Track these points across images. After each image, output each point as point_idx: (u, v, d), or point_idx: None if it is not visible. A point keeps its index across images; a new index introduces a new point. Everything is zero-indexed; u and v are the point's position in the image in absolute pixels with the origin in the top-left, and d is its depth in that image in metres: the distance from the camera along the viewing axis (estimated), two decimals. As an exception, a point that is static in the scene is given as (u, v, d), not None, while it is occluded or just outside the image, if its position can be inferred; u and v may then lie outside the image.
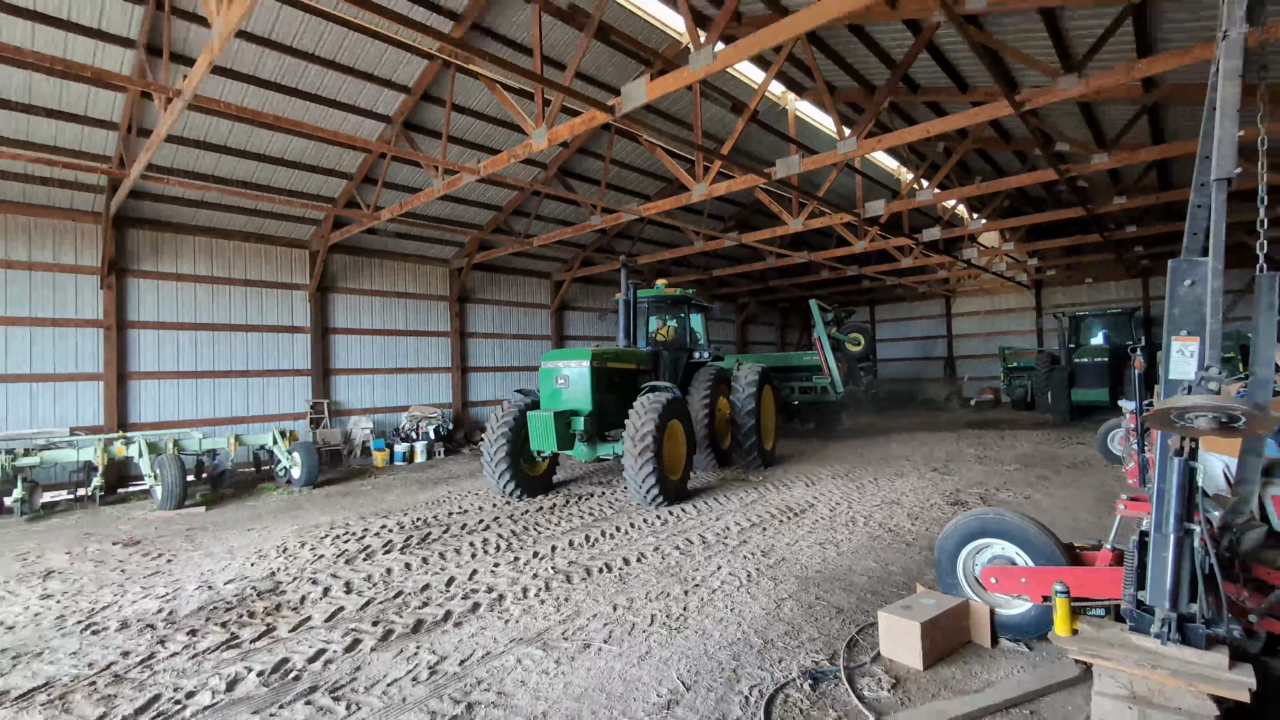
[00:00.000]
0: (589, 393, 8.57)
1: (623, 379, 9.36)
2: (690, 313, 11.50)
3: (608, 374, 8.97)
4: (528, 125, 8.38)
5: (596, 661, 3.86)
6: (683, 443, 8.80)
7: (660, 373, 10.55)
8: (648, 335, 11.25)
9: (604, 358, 8.92)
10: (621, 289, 10.29)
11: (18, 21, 7.66)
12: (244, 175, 11.40)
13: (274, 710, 3.37)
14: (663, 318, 11.57)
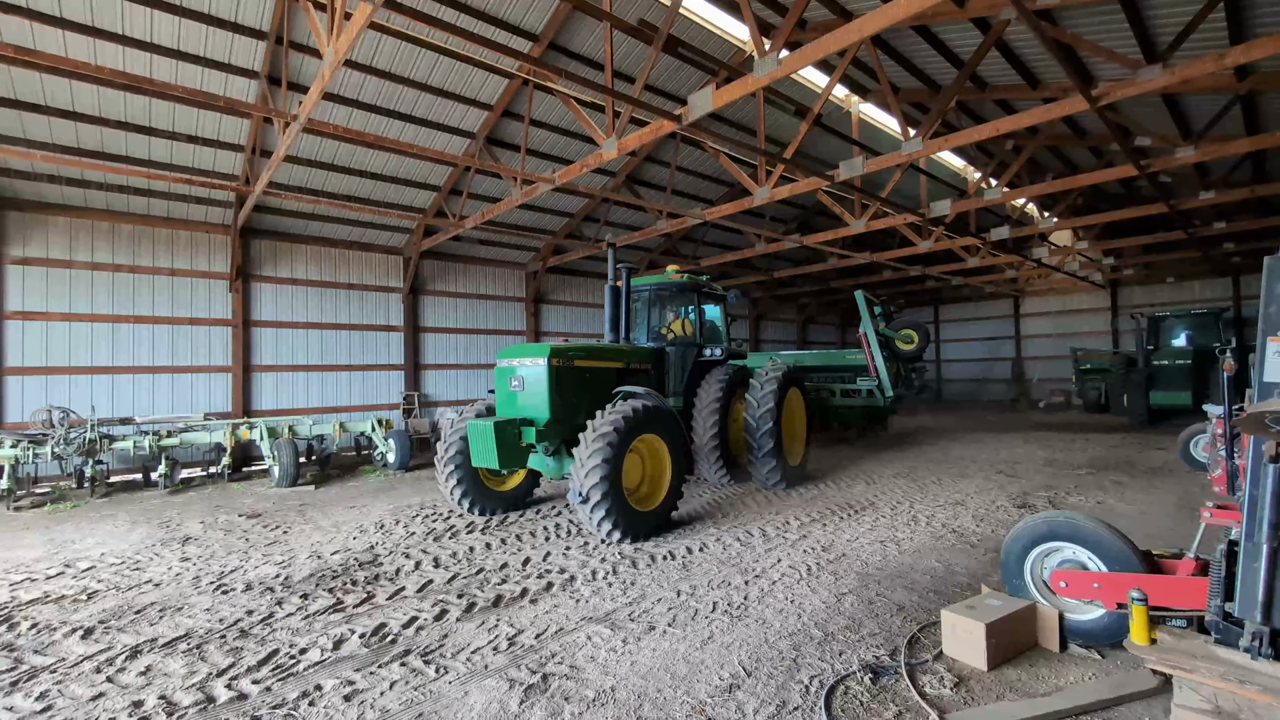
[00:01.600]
0: (547, 397, 6.65)
1: (599, 381, 7.32)
2: (701, 302, 9.40)
3: (575, 374, 7.01)
4: (599, 136, 8.49)
5: (661, 643, 3.88)
6: (665, 463, 6.74)
7: (665, 373, 8.81)
8: (649, 329, 9.53)
9: (569, 354, 7.02)
10: (609, 275, 8.32)
11: (165, 60, 8.41)
12: (348, 190, 12.09)
13: (374, 669, 3.59)
14: (673, 309, 9.80)
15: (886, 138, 13.46)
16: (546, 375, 6.70)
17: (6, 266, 9.94)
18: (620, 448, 5.89)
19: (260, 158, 10.25)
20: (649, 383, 8.22)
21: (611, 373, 7.58)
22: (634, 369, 8.02)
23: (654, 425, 6.47)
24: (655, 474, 6.80)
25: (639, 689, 3.32)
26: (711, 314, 9.79)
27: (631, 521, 6.03)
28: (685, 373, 8.85)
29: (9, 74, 8.08)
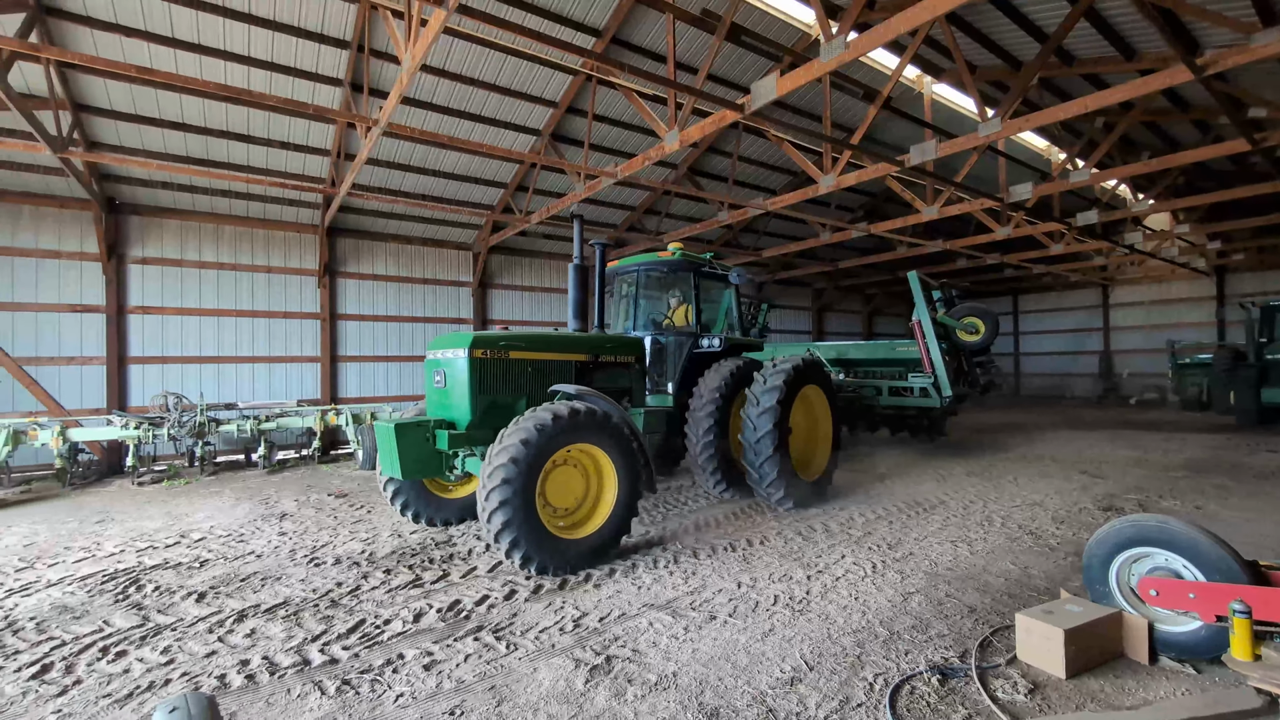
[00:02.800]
0: (468, 395, 5.54)
1: (547, 377, 6.07)
2: (700, 284, 7.70)
3: (508, 368, 5.80)
4: (660, 129, 8.48)
5: (722, 633, 3.90)
6: (609, 482, 5.38)
7: (653, 368, 7.56)
8: (638, 317, 7.97)
9: (499, 344, 5.77)
10: (574, 251, 6.91)
11: (260, 71, 9.03)
12: (423, 189, 12.63)
13: (450, 642, 3.79)
14: (675, 295, 8.18)
15: (961, 119, 12.76)
16: (467, 369, 5.54)
17: (129, 266, 10.99)
18: (533, 463, 4.67)
19: (344, 161, 10.85)
20: (629, 379, 6.97)
21: (567, 366, 6.33)
22: (604, 363, 6.72)
23: (590, 433, 5.09)
24: (601, 492, 5.44)
25: (700, 676, 3.36)
26: (724, 299, 8.40)
27: (554, 552, 4.83)
28: (678, 367, 7.45)
29: (130, 91, 8.89)
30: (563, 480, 5.26)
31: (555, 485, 5.19)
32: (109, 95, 8.89)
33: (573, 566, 4.96)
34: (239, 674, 3.43)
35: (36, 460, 9.78)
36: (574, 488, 5.36)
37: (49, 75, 7.88)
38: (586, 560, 5.07)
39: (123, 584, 4.89)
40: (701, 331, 7.65)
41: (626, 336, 7.22)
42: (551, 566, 4.84)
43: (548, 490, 5.11)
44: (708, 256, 7.77)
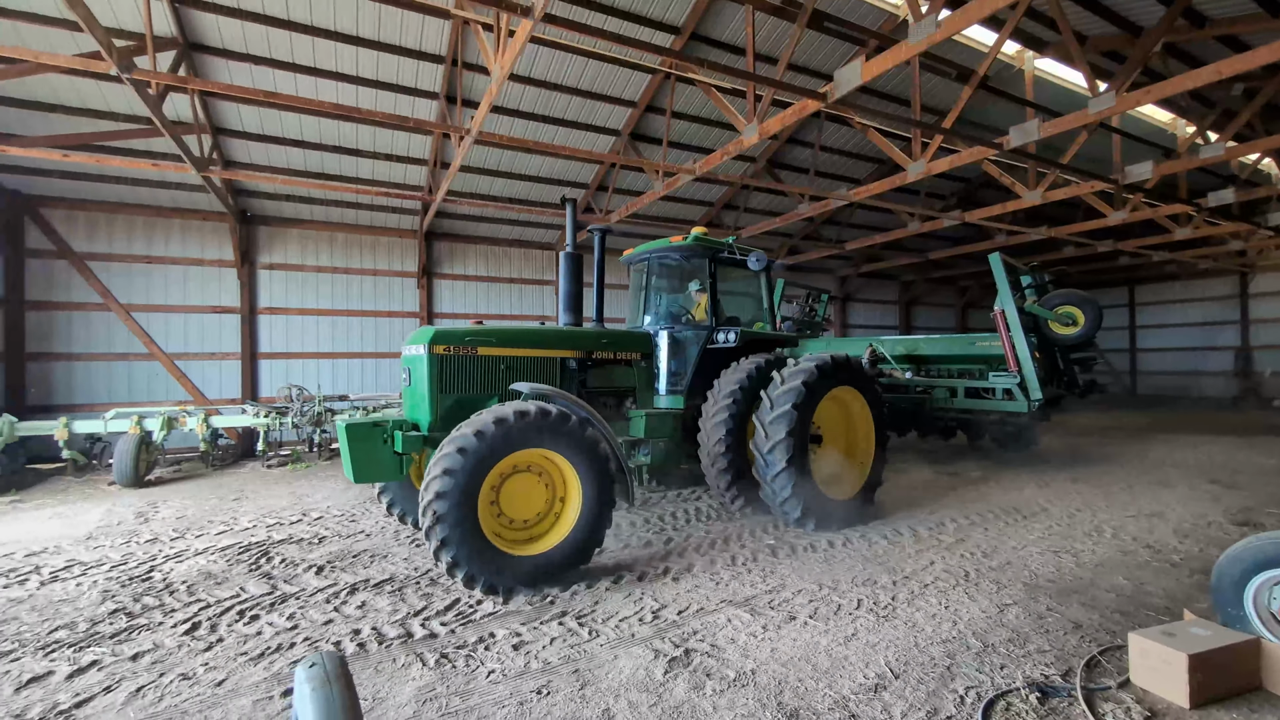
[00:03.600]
0: (428, 396, 5.16)
1: (519, 375, 5.59)
2: (717, 271, 6.72)
3: (476, 366, 5.36)
4: (739, 122, 8.35)
5: (802, 634, 3.82)
6: (573, 493, 4.77)
7: (666, 365, 6.66)
8: (655, 311, 7.15)
9: (466, 339, 5.33)
10: (567, 239, 6.57)
11: (367, 90, 9.70)
12: (510, 193, 13.12)
13: (537, 624, 3.95)
14: (694, 283, 7.13)
15: (1068, 95, 11.66)
16: (427, 367, 5.16)
17: (259, 271, 12.18)
18: (473, 473, 4.22)
19: (440, 169, 11.46)
20: (633, 377, 6.40)
21: (550, 364, 5.84)
22: (601, 360, 6.19)
23: (548, 438, 4.51)
24: (566, 504, 4.84)
25: (779, 676, 3.31)
26: (756, 288, 7.44)
27: (500, 570, 4.34)
28: (689, 365, 6.53)
29: (259, 114, 9.82)
30: (522, 489, 4.67)
31: (513, 494, 4.62)
32: (241, 118, 9.87)
33: (526, 585, 4.43)
34: (352, 642, 3.75)
35: (185, 444, 11.07)
36: (535, 498, 4.74)
37: (194, 104, 8.86)
38: (543, 579, 4.49)
39: (255, 555, 5.45)
40: (718, 325, 6.62)
41: (630, 331, 6.62)
42: (500, 585, 4.34)
43: (503, 500, 4.58)
44: (729, 241, 6.76)
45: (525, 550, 4.55)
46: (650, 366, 6.57)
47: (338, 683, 0.72)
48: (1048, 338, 9.72)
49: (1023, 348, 8.95)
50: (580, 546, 4.68)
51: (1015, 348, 9.01)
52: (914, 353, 10.92)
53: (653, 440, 6.10)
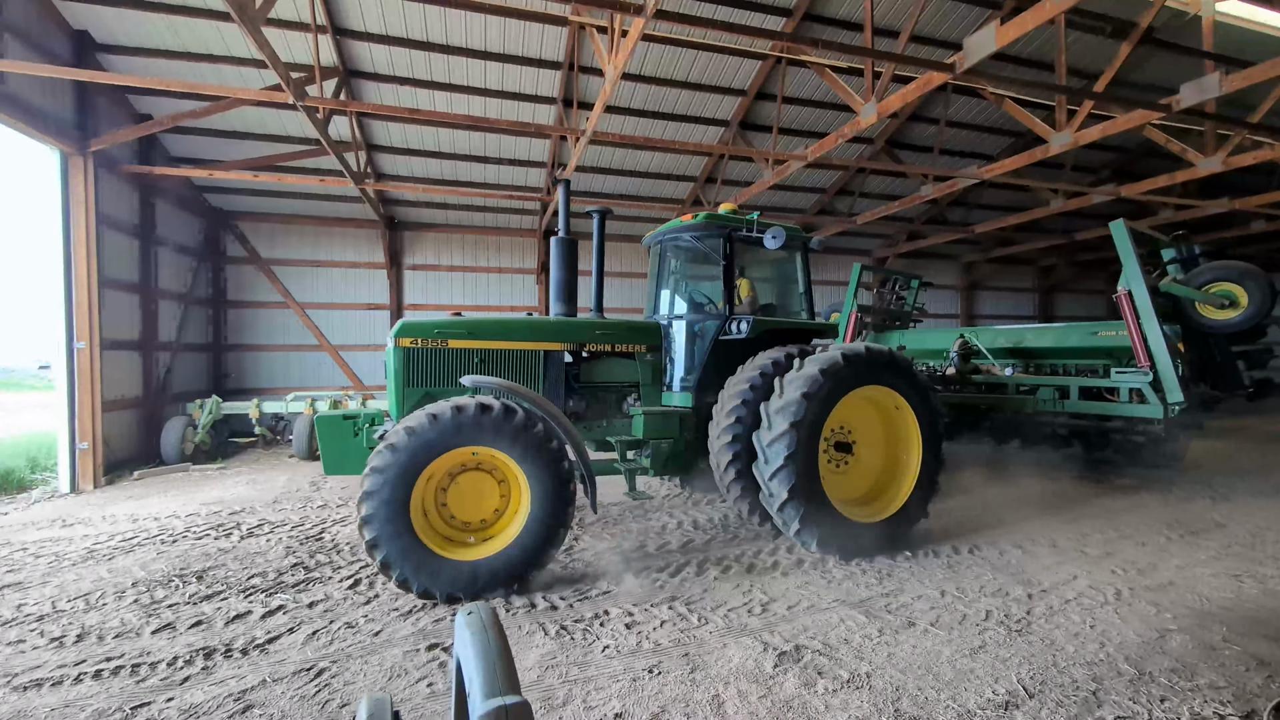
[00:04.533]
0: (396, 389, 4.98)
1: (495, 369, 5.27)
2: (733, 252, 5.69)
3: (443, 359, 5.10)
4: (855, 103, 7.87)
5: (922, 641, 3.60)
6: (521, 500, 4.32)
7: (674, 359, 5.88)
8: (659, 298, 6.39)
9: (430, 332, 5.09)
10: (560, 223, 6.05)
11: (494, 100, 10.30)
12: (621, 189, 13.37)
13: (648, 606, 4.06)
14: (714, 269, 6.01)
15: (1258, 41, 9.75)
16: (394, 360, 4.99)
17: (404, 272, 13.45)
18: (404, 473, 3.93)
19: (557, 170, 11.93)
20: (636, 372, 5.78)
21: (533, 357, 5.38)
22: (598, 354, 5.70)
23: (490, 437, 4.10)
24: (518, 507, 4.38)
25: (896, 682, 3.15)
26: (792, 270, 6.29)
27: (436, 574, 4.00)
28: (699, 359, 5.70)
29: (404, 130, 10.78)
30: (472, 488, 4.33)
31: (462, 494, 4.31)
32: (389, 135, 10.89)
33: (464, 592, 4.03)
34: (483, 608, 4.06)
35: (346, 421, 12.57)
36: (487, 499, 4.38)
37: (352, 125, 9.92)
38: (484, 587, 4.08)
39: (402, 523, 6.06)
40: (733, 313, 5.67)
41: (631, 321, 5.97)
42: (435, 590, 4.00)
43: (452, 499, 4.29)
44: (752, 217, 5.67)
45: (463, 555, 4.12)
46: (658, 360, 5.84)
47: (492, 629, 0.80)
48: (1197, 324, 7.63)
49: (1156, 337, 7.01)
50: (526, 555, 4.16)
51: (1146, 337, 7.12)
52: (1020, 345, 9.06)
53: (654, 441, 5.37)
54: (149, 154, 9.98)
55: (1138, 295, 7.15)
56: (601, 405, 5.78)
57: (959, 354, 9.25)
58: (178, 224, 10.97)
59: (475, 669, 0.71)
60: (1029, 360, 9.11)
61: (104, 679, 3.16)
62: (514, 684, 0.70)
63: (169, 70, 8.75)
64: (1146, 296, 7.09)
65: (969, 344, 9.34)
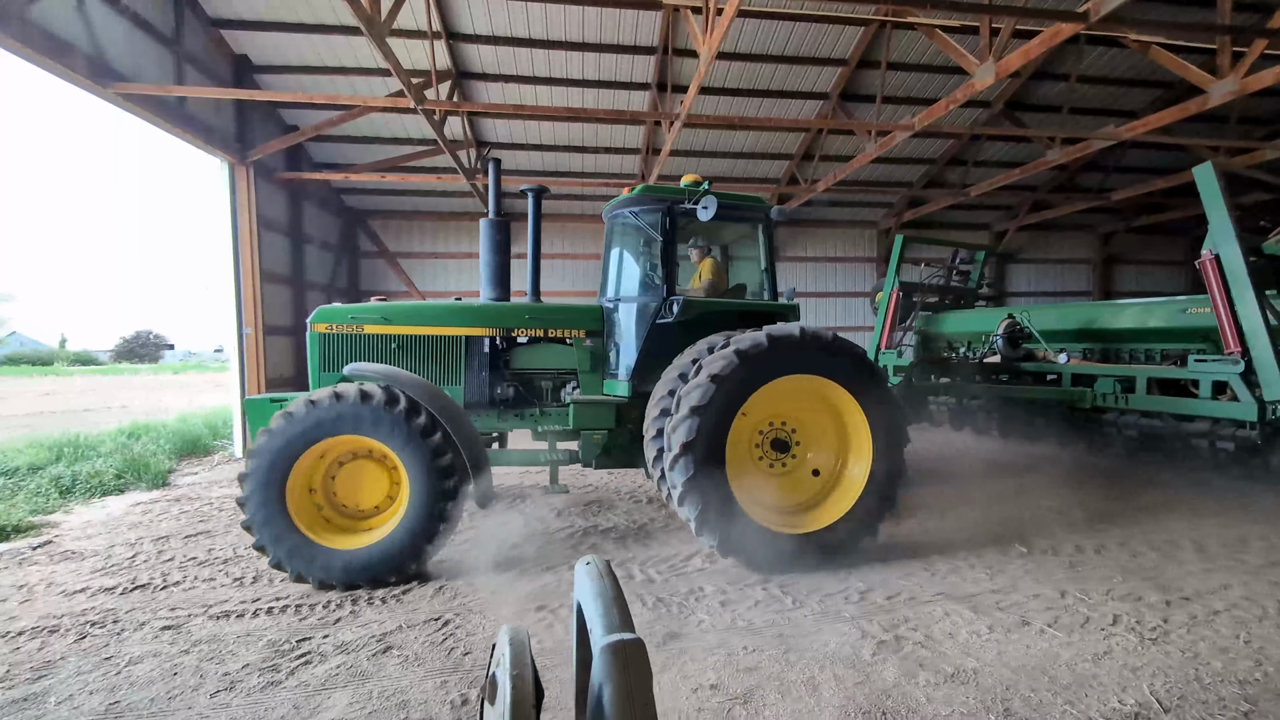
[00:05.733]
0: (314, 375, 4.91)
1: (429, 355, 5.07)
2: (671, 225, 5.00)
3: (358, 345, 4.94)
4: (970, 64, 7.19)
5: (1038, 642, 3.34)
6: (402, 491, 4.13)
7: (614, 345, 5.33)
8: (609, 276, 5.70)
9: (345, 317, 4.94)
10: (489, 205, 5.65)
11: (590, 90, 10.46)
12: (714, 171, 13.15)
13: (741, 586, 4.07)
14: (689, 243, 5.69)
15: None
16: (310, 346, 4.91)
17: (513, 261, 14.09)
18: (275, 460, 3.86)
19: (651, 155, 11.94)
20: (574, 359, 5.30)
21: (455, 343, 5.09)
22: (532, 339, 5.27)
23: (365, 426, 3.95)
24: (398, 499, 4.23)
25: (1007, 681, 2.96)
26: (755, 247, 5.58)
27: (309, 560, 3.92)
28: (635, 344, 5.06)
29: (509, 125, 11.25)
30: (360, 476, 4.21)
31: (350, 481, 4.20)
32: (495, 130, 11.41)
33: (340, 581, 3.96)
34: (585, 576, 4.28)
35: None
36: (376, 488, 4.24)
37: (463, 124, 10.50)
38: (359, 577, 3.97)
39: (513, 499, 6.48)
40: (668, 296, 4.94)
41: (571, 305, 5.62)
42: (310, 576, 3.94)
43: (340, 486, 4.20)
44: (702, 187, 4.89)
45: (339, 543, 4.03)
46: (599, 346, 5.33)
47: (608, 577, 0.88)
48: None
49: (1252, 313, 5.39)
50: (405, 547, 4.00)
51: (1237, 314, 5.52)
52: (1091, 326, 7.51)
53: (585, 433, 5.00)
54: (296, 161, 11.17)
55: (1228, 259, 5.52)
56: (537, 393, 5.34)
57: (1005, 337, 7.91)
58: (321, 223, 12.23)
59: (594, 610, 0.78)
60: (1106, 345, 7.56)
61: (274, 614, 3.69)
62: (629, 623, 0.77)
63: (311, 85, 9.70)
64: (1240, 260, 5.43)
65: (1018, 324, 7.98)
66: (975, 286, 9.77)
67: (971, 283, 9.74)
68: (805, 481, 4.65)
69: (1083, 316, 7.67)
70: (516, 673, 0.77)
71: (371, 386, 4.02)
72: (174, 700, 2.78)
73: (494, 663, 0.88)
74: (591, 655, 0.77)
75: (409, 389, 4.09)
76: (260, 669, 3.04)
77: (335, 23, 8.60)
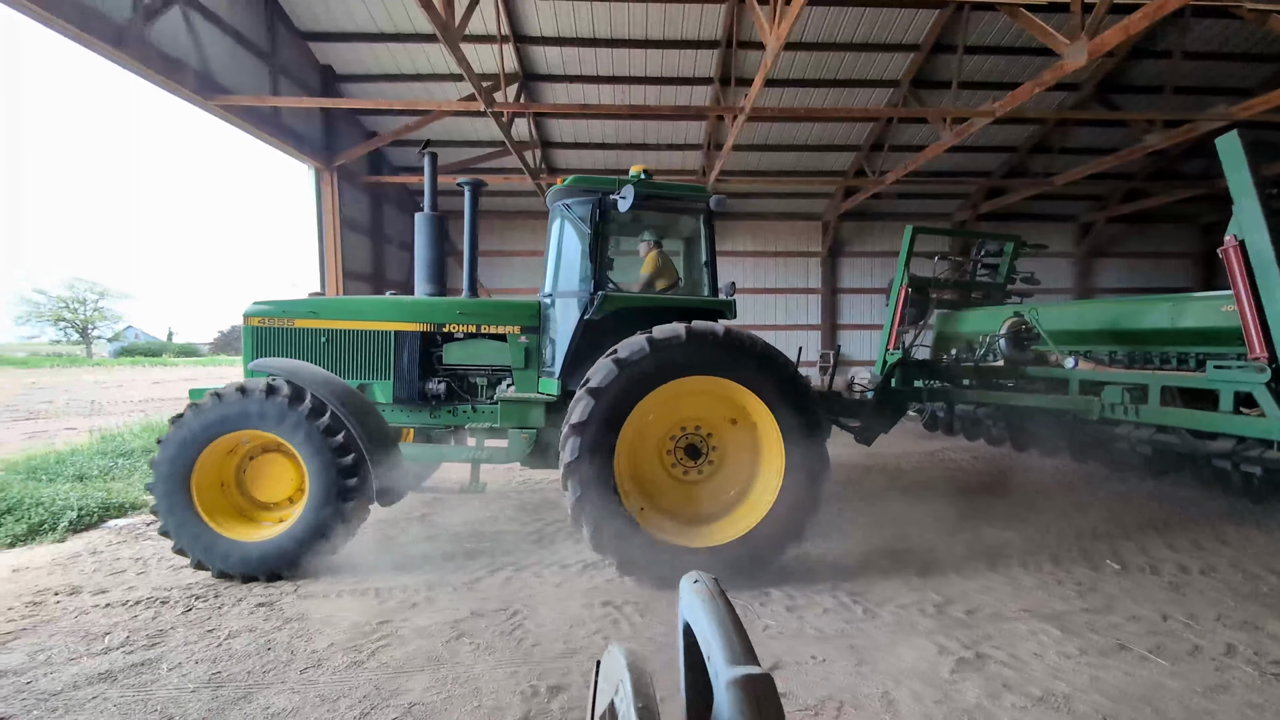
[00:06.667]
0: (245, 369, 4.81)
1: (343, 350, 4.95)
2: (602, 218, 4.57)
3: (288, 339, 4.90)
4: (1058, 44, 6.65)
5: (1139, 669, 3.05)
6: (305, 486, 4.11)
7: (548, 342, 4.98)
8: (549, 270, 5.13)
9: (275, 311, 4.91)
10: (426, 194, 5.44)
11: (653, 87, 10.42)
12: (778, 165, 12.82)
13: (808, 593, 3.93)
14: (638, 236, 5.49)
15: None
16: (244, 339, 4.88)
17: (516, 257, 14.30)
18: (178, 453, 3.96)
19: (713, 151, 11.77)
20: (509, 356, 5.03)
21: (383, 338, 4.96)
22: (468, 335, 5.08)
23: (265, 422, 3.97)
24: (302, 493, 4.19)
25: (1105, 710, 2.71)
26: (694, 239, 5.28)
27: (209, 549, 3.98)
28: (565, 341, 4.71)
29: (573, 125, 11.36)
30: (269, 470, 4.25)
31: (260, 475, 4.25)
32: (560, 130, 11.55)
33: (240, 571, 4.00)
34: (648, 573, 4.25)
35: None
36: (284, 482, 4.25)
37: (529, 125, 10.68)
38: (256, 568, 4.00)
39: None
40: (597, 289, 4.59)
41: (506, 301, 5.33)
42: (208, 564, 4.00)
43: (250, 479, 4.25)
44: (635, 177, 4.61)
45: (241, 534, 4.07)
46: (534, 342, 5.08)
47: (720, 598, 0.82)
48: None
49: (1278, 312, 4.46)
50: (297, 545, 4.00)
51: (1263, 310, 4.58)
52: (1116, 327, 6.47)
53: (513, 431, 4.79)
54: (376, 165, 11.70)
55: (1254, 246, 4.54)
56: (471, 389, 5.19)
57: (1008, 337, 7.09)
58: (398, 224, 12.78)
59: (713, 636, 0.72)
60: (1135, 349, 6.52)
61: (356, 597, 3.86)
62: (752, 654, 0.70)
63: (390, 91, 10.13)
64: (1269, 247, 4.46)
65: (1024, 325, 7.10)
66: (1004, 281, 8.74)
67: (1000, 277, 8.70)
68: (722, 490, 4.32)
69: (1105, 315, 6.63)
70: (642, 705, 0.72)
71: (278, 382, 4.06)
72: (268, 674, 2.95)
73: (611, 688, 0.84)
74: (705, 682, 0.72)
75: (310, 384, 4.08)
76: (344, 648, 3.18)
77: (411, 31, 8.92)
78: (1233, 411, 4.90)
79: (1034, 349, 7.18)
